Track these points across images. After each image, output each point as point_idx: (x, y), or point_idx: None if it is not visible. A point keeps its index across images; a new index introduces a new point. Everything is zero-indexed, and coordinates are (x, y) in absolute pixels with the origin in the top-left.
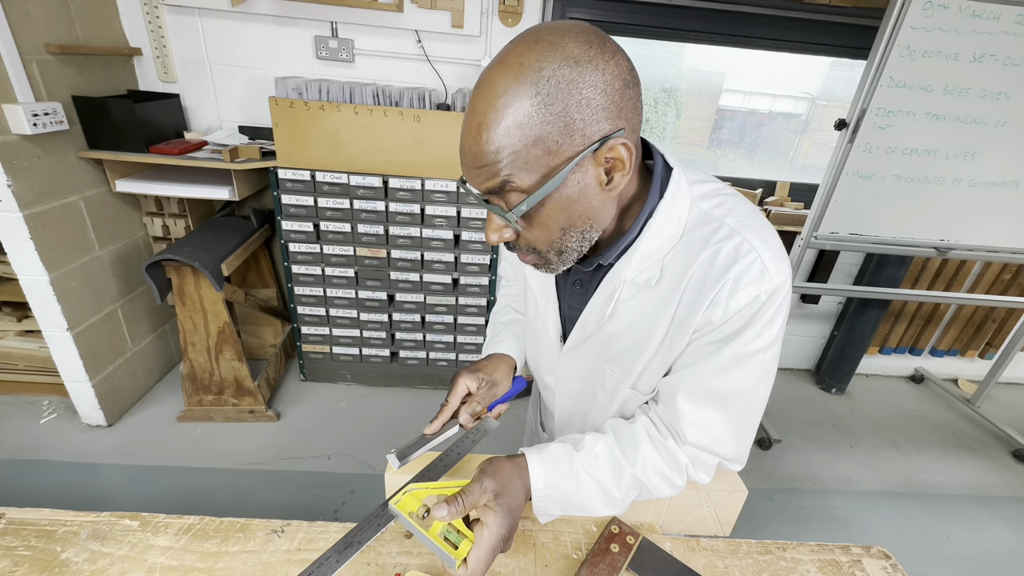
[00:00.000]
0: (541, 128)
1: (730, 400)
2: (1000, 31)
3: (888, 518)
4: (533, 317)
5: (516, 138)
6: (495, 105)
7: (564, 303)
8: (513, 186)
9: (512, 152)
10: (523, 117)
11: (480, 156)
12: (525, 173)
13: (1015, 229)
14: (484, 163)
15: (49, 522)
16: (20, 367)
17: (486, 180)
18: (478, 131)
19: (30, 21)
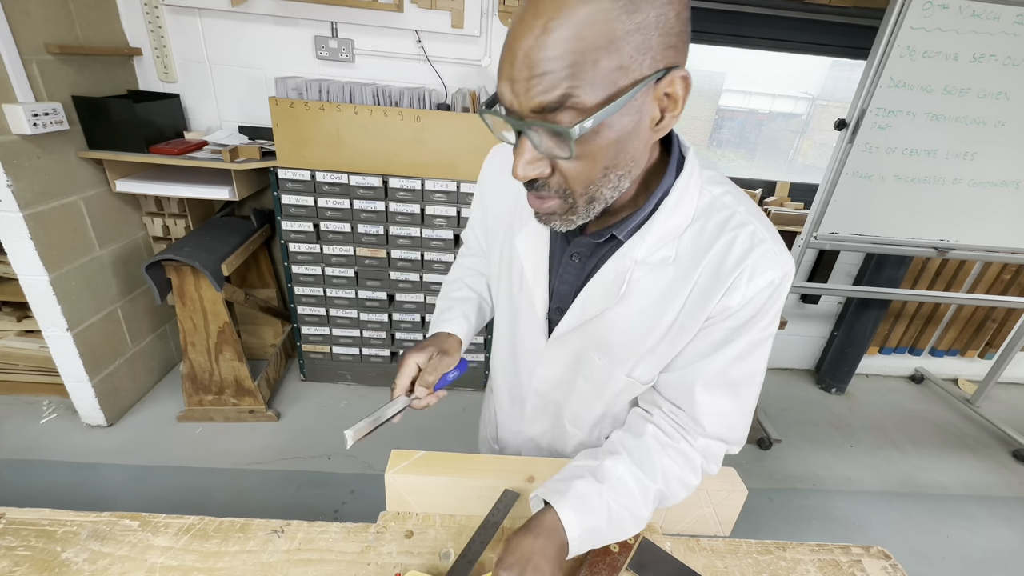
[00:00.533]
0: (621, 37)
1: (744, 386)
2: (1000, 31)
3: (888, 518)
4: (516, 292)
5: (591, 42)
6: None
7: (555, 278)
8: (575, 101)
9: (584, 58)
10: (603, 17)
11: (542, 61)
12: (591, 88)
13: (1015, 229)
14: (546, 70)
15: (49, 522)
16: (20, 367)
17: (543, 92)
18: (545, 29)
19: (30, 21)
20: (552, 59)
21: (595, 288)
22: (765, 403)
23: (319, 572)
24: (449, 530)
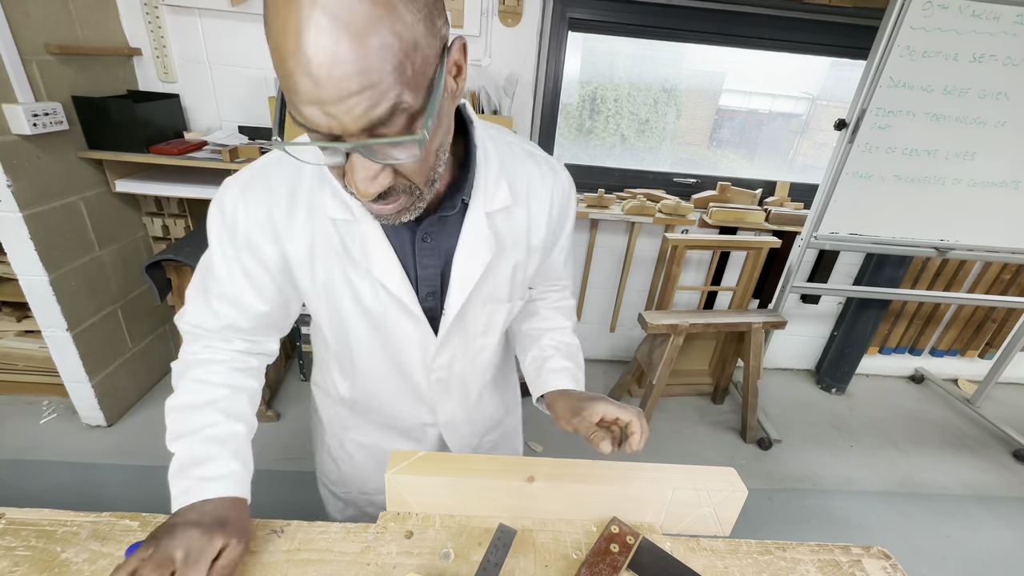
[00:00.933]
0: (415, 28)
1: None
2: (1000, 31)
3: (888, 518)
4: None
5: (398, 45)
6: (363, 7)
7: (413, 268)
8: (404, 106)
9: (397, 63)
10: (399, 17)
11: (358, 76)
12: (412, 88)
13: (1015, 229)
14: (366, 84)
15: (49, 522)
16: (20, 367)
17: (370, 108)
18: (350, 44)
19: (30, 21)
20: (371, 71)
21: (470, 253)
22: (765, 403)
23: (319, 572)
24: (449, 530)
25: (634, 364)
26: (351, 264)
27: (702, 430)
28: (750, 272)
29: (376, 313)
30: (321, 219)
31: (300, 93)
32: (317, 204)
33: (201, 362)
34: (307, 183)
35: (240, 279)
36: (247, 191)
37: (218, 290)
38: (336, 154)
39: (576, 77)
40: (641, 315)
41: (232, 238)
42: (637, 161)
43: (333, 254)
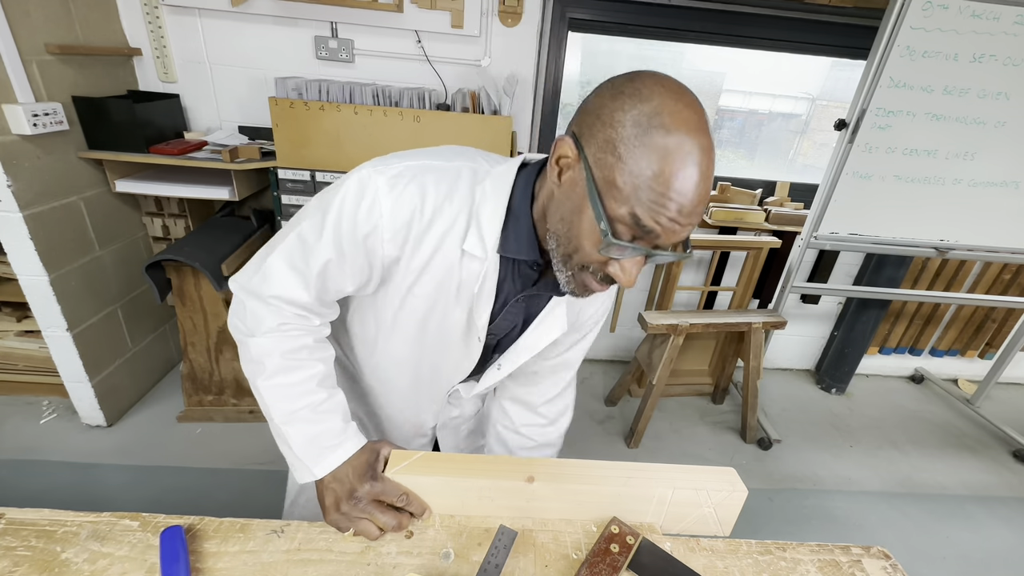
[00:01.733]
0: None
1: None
2: (1000, 31)
3: (888, 518)
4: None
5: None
6: (712, 162)
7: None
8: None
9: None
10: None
11: (701, 213)
12: None
13: (1015, 229)
14: (699, 220)
15: (49, 522)
16: (20, 367)
17: (692, 230)
18: (708, 189)
19: (30, 21)
20: (700, 214)
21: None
22: (765, 403)
23: (319, 572)
24: (449, 530)
25: (634, 364)
26: (458, 291)
27: (702, 430)
28: (750, 272)
29: (448, 339)
30: (452, 244)
31: (668, 209)
32: (456, 230)
33: (289, 338)
34: (452, 209)
35: (346, 268)
36: (397, 188)
37: (317, 265)
38: (635, 252)
39: (576, 77)
40: (641, 315)
41: (358, 225)
42: None
43: (445, 278)
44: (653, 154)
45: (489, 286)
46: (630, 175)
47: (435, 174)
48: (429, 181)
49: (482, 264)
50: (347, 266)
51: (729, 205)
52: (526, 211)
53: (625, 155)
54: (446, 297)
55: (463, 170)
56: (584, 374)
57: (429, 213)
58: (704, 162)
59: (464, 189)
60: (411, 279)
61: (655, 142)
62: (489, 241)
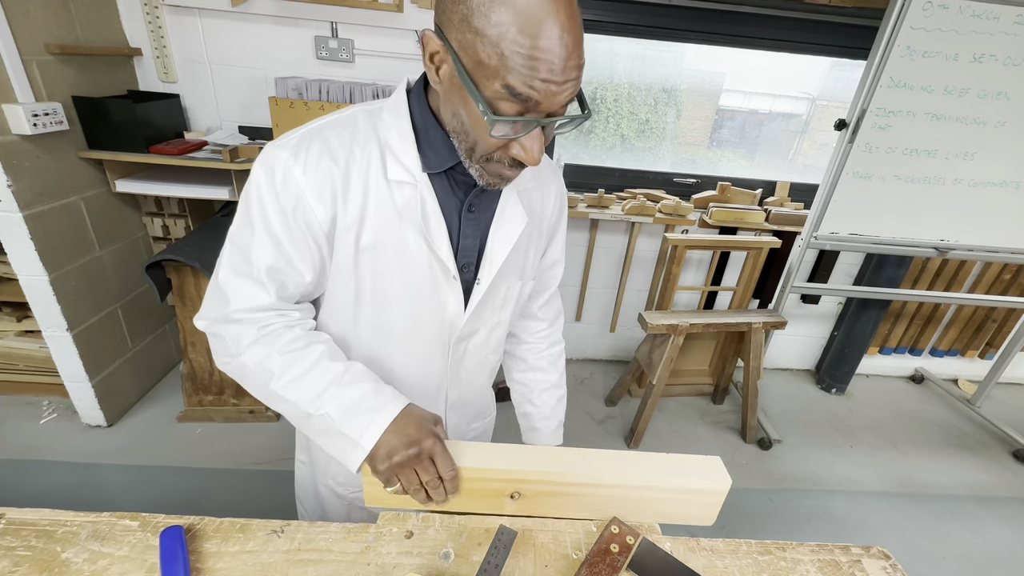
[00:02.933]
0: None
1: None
2: (1000, 31)
3: (888, 518)
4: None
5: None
6: (576, 12)
7: (457, 237)
8: (578, 87)
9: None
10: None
11: (579, 66)
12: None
13: (1015, 229)
14: (581, 70)
15: (49, 522)
16: (20, 367)
17: (575, 87)
18: (579, 39)
19: (30, 21)
20: (578, 67)
21: (507, 222)
22: (765, 403)
23: (319, 572)
24: (449, 530)
25: (634, 364)
26: (405, 223)
27: (702, 430)
28: (750, 272)
29: (418, 278)
30: (378, 181)
31: (539, 71)
32: (374, 169)
33: (277, 335)
34: (362, 149)
35: (288, 247)
36: (301, 153)
37: (261, 262)
38: (524, 127)
39: None
40: (641, 315)
41: (280, 203)
42: (637, 161)
43: (385, 216)
44: (503, 17)
45: (431, 207)
46: (490, 46)
47: (332, 127)
48: (330, 135)
49: (414, 188)
50: (289, 248)
51: (729, 205)
52: (432, 123)
53: (480, 27)
54: (396, 238)
55: (357, 115)
56: (584, 374)
57: (342, 162)
58: (562, 11)
59: (364, 128)
60: (354, 233)
61: (504, 4)
62: (409, 162)
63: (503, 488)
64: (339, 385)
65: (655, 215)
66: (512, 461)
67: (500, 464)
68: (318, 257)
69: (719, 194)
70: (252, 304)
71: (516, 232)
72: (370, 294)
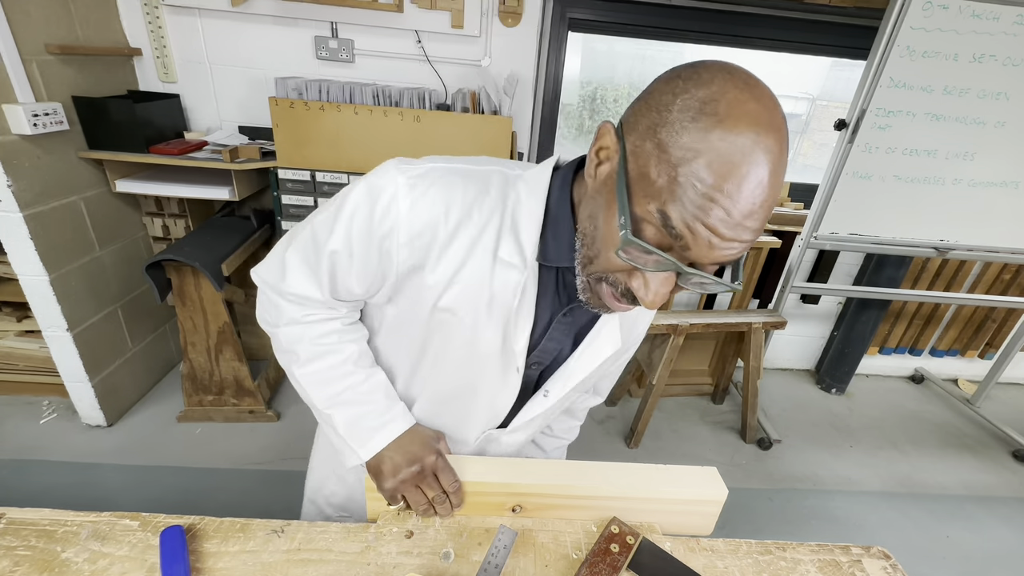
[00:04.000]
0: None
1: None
2: (1000, 31)
3: (888, 518)
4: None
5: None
6: (780, 174)
7: (541, 336)
8: (744, 253)
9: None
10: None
11: (755, 230)
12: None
13: (1015, 229)
14: (752, 238)
15: (49, 522)
16: (20, 367)
17: (738, 252)
18: (767, 204)
19: (30, 21)
20: (754, 231)
21: (602, 343)
22: (765, 403)
23: (319, 572)
24: (449, 530)
25: (634, 364)
26: (492, 305)
27: (702, 430)
28: (750, 272)
29: (483, 356)
30: (484, 253)
31: (711, 216)
32: (488, 238)
33: (317, 324)
34: (483, 214)
35: (354, 267)
36: (419, 189)
37: (327, 267)
38: (661, 264)
39: (576, 77)
40: None
41: (371, 224)
42: None
43: (475, 289)
44: (697, 144)
45: (529, 298)
46: (666, 165)
47: (463, 177)
48: (456, 183)
49: (520, 274)
50: (356, 265)
51: None
52: (566, 214)
53: (665, 141)
54: (476, 314)
55: (493, 174)
56: None
57: (455, 218)
58: (765, 165)
59: (495, 193)
60: (436, 293)
61: (704, 131)
62: (527, 247)
63: (505, 501)
64: (353, 392)
65: None
66: (513, 475)
67: (502, 478)
68: (378, 284)
69: None
70: (303, 292)
71: (603, 356)
72: (433, 353)
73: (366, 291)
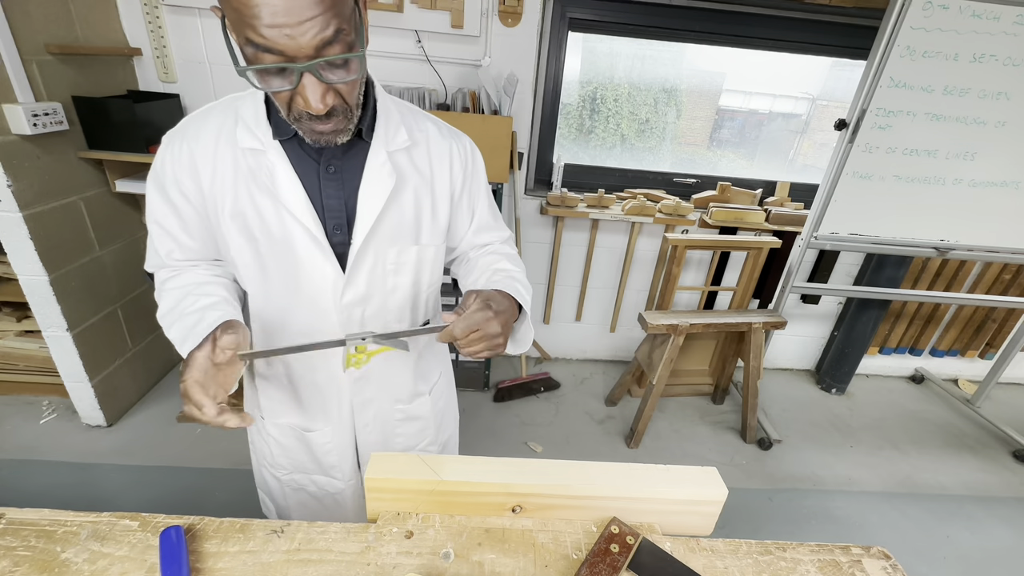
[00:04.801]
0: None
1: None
2: (1000, 31)
3: (888, 518)
4: (280, 241)
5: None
6: None
7: (320, 197)
8: (343, 33)
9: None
10: None
11: (313, 3)
12: (346, 20)
13: (1015, 229)
14: (318, 11)
15: (49, 522)
16: (20, 367)
17: (321, 30)
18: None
19: (30, 21)
20: (315, 3)
21: (373, 182)
22: (765, 403)
23: (319, 572)
24: (449, 530)
25: (634, 364)
26: (259, 190)
27: (702, 430)
28: (750, 272)
29: (282, 240)
30: (233, 151)
31: (263, 18)
32: (230, 137)
33: (171, 276)
34: (227, 125)
35: (171, 217)
36: (174, 137)
37: (157, 230)
38: (289, 76)
39: (576, 77)
40: (641, 315)
41: (160, 180)
42: (637, 161)
43: (243, 182)
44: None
45: (282, 169)
46: (224, 2)
47: (205, 110)
48: (195, 116)
49: (264, 154)
50: (169, 214)
51: (729, 205)
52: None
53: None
54: (255, 204)
55: (228, 98)
56: (584, 374)
57: (205, 137)
58: None
59: (223, 104)
60: (220, 202)
61: None
62: (259, 130)
63: (505, 501)
64: (181, 316)
65: (655, 215)
66: (513, 475)
67: (502, 478)
68: (198, 222)
69: (719, 194)
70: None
71: (384, 191)
72: (250, 258)
73: (194, 236)
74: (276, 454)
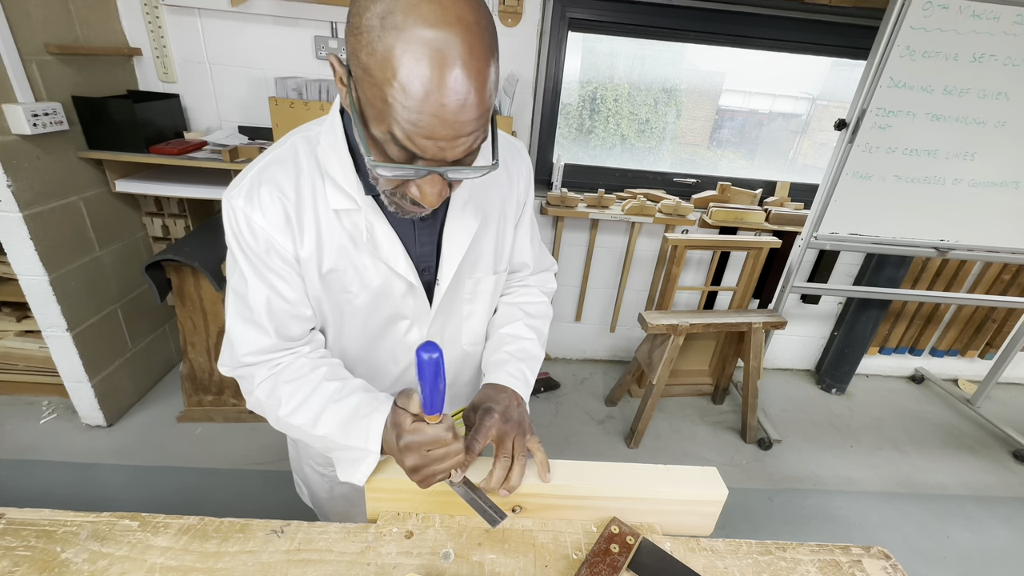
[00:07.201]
0: (498, 76)
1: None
2: (1000, 31)
3: (888, 518)
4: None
5: (493, 94)
6: (479, 54)
7: (414, 245)
8: (480, 146)
9: (487, 116)
10: (495, 78)
11: (468, 124)
12: (486, 132)
13: (1015, 229)
14: (470, 131)
15: (49, 522)
16: (20, 367)
17: (473, 143)
18: (477, 99)
19: (30, 21)
20: (474, 121)
21: (457, 223)
22: (765, 403)
23: (319, 572)
24: (449, 530)
25: (634, 364)
26: (356, 248)
27: (702, 430)
28: (750, 272)
29: (378, 290)
30: (326, 212)
31: (422, 128)
32: (320, 198)
33: (283, 369)
34: (308, 180)
35: (279, 285)
36: (255, 198)
37: (259, 306)
38: (417, 175)
39: (576, 77)
40: (641, 315)
41: (255, 250)
42: (637, 161)
43: (338, 242)
44: (387, 62)
45: (380, 228)
46: (376, 89)
47: (276, 163)
48: (275, 172)
49: (359, 213)
50: (282, 288)
51: (729, 205)
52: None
53: (368, 64)
54: (354, 262)
55: (297, 143)
56: (584, 374)
57: (292, 195)
58: (453, 62)
59: (305, 158)
60: (315, 263)
61: (390, 46)
62: (349, 188)
63: (505, 502)
64: (334, 403)
65: (655, 215)
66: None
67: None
68: (302, 284)
69: (719, 194)
70: (256, 347)
71: (468, 235)
72: (340, 309)
73: (301, 297)
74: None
